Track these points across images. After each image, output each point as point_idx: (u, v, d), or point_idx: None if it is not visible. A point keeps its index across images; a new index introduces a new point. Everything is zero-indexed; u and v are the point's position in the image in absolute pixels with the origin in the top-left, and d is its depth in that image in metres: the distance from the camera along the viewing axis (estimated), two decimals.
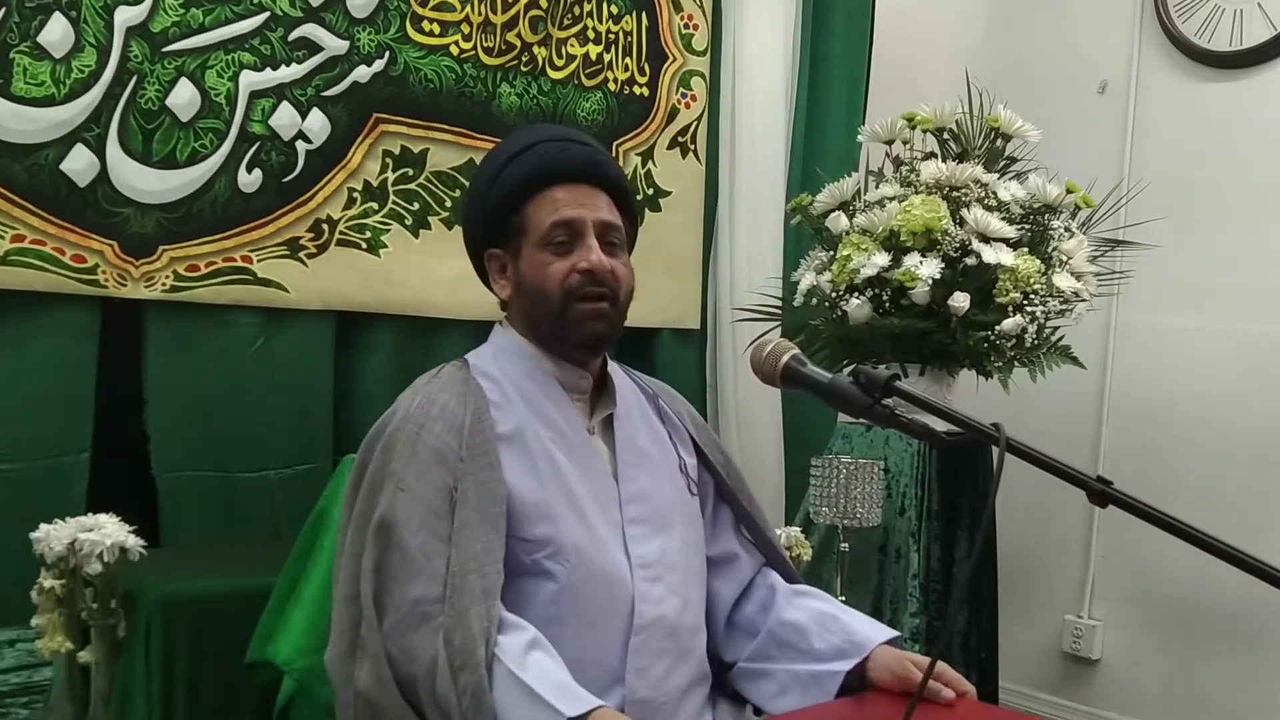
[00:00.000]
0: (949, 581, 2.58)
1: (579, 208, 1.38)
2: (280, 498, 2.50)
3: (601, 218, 1.40)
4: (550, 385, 1.41)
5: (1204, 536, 1.01)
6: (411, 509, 1.27)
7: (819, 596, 1.50)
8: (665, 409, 1.54)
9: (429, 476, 1.29)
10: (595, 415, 1.45)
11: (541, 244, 1.38)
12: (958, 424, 1.14)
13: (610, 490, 1.39)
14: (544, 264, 1.38)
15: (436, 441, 1.31)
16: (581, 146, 1.43)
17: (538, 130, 1.50)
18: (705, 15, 3.21)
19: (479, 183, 1.47)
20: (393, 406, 1.41)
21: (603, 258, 1.38)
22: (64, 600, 1.85)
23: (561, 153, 1.40)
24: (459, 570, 1.23)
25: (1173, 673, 3.16)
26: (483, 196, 1.44)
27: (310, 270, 2.52)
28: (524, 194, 1.39)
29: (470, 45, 2.73)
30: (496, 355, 1.45)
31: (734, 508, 1.54)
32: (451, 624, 1.20)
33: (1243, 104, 3.06)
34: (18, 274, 2.15)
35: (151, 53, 2.28)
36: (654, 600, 1.35)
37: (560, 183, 1.39)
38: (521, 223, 1.40)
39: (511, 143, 1.46)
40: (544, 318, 1.40)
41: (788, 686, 1.38)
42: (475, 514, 1.27)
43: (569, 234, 1.38)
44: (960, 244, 2.47)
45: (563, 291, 1.37)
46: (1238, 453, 3.02)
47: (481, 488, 1.29)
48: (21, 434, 2.18)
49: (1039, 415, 2.96)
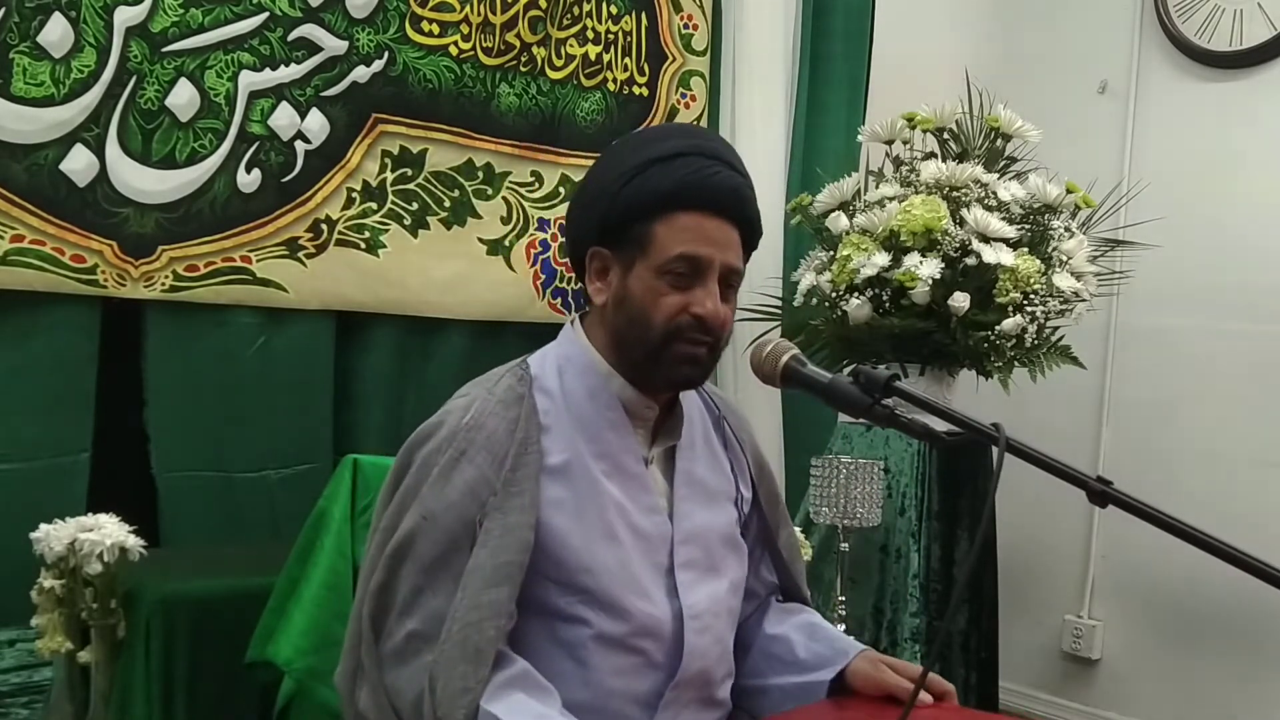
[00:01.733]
0: (949, 581, 2.58)
1: (711, 245, 1.26)
2: (280, 498, 2.50)
3: (729, 261, 1.28)
4: (614, 410, 1.30)
5: (1204, 536, 1.01)
6: (428, 540, 1.21)
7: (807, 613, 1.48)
8: (729, 434, 1.45)
9: (456, 509, 1.21)
10: (656, 444, 1.35)
11: (660, 270, 1.26)
12: (958, 424, 1.15)
13: (663, 528, 1.31)
14: (657, 292, 1.26)
15: (473, 473, 1.22)
16: (731, 173, 1.29)
17: (687, 135, 1.35)
18: (705, 15, 3.21)
19: (606, 173, 1.31)
20: (444, 409, 1.30)
21: (719, 306, 1.27)
22: (64, 600, 1.85)
23: (712, 176, 1.27)
24: (460, 616, 1.17)
25: (1173, 673, 3.16)
26: (609, 192, 1.29)
27: (309, 270, 2.52)
28: (659, 209, 1.26)
29: (469, 45, 2.73)
30: (562, 367, 1.33)
31: (768, 546, 1.48)
32: (437, 670, 1.15)
33: (1243, 104, 3.06)
34: (17, 274, 2.15)
35: (151, 53, 2.28)
36: (700, 653, 1.29)
37: (700, 209, 1.26)
38: (645, 237, 1.26)
39: (656, 141, 1.31)
40: (637, 345, 1.28)
41: (781, 701, 1.37)
42: (491, 560, 1.19)
43: (692, 270, 1.26)
44: (960, 244, 2.47)
45: (669, 329, 1.26)
46: (1238, 453, 3.03)
47: (508, 532, 1.20)
48: (21, 434, 2.18)
49: (1039, 415, 2.96)
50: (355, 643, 1.25)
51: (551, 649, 1.24)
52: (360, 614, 1.24)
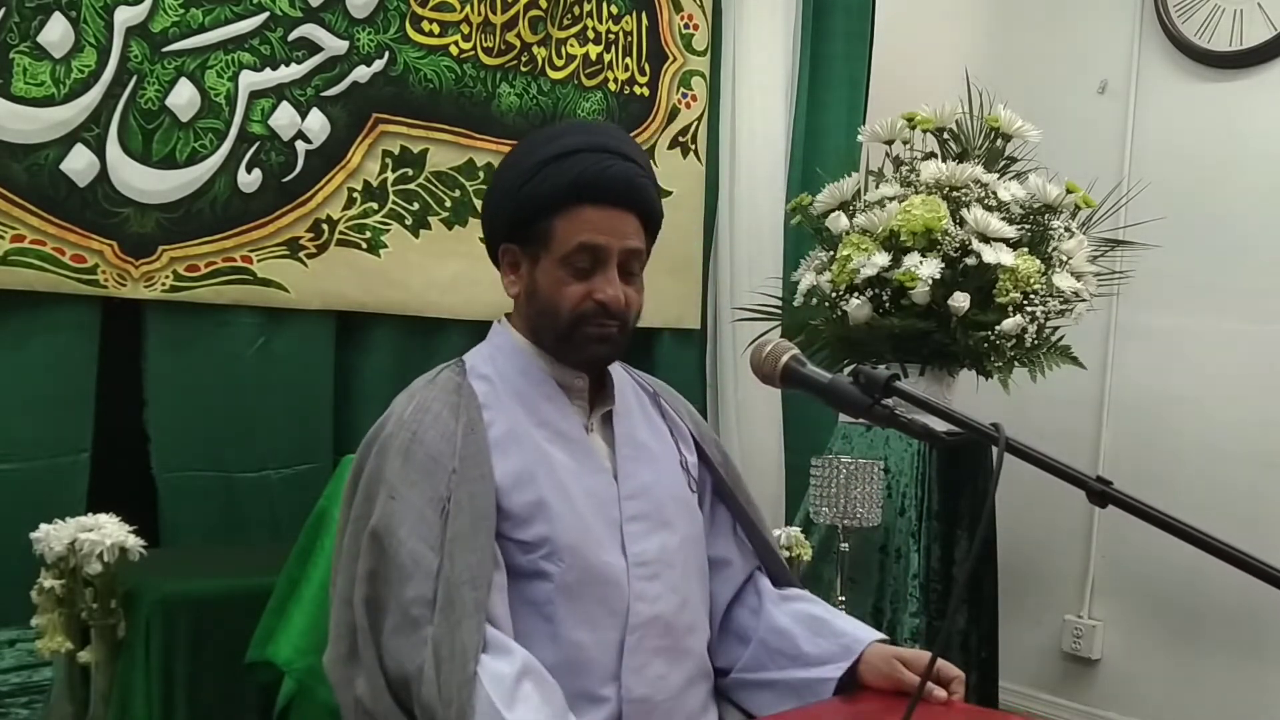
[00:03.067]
0: (949, 581, 2.58)
1: (608, 234, 1.35)
2: (280, 498, 2.50)
3: (628, 245, 1.36)
4: (546, 384, 1.40)
5: (1204, 536, 1.01)
6: (402, 516, 1.26)
7: (806, 599, 1.49)
8: (665, 406, 1.53)
9: (421, 485, 1.28)
10: (594, 412, 1.43)
11: (562, 262, 1.35)
12: (957, 424, 1.14)
13: (609, 487, 1.38)
14: (561, 282, 1.35)
15: (429, 450, 1.30)
16: (624, 163, 1.37)
17: (580, 133, 1.42)
18: (705, 15, 3.21)
19: (509, 175, 1.41)
20: (389, 409, 1.39)
21: (619, 292, 1.35)
22: (64, 600, 1.85)
23: (604, 170, 1.35)
24: (453, 580, 1.22)
25: (1173, 673, 3.16)
26: (511, 192, 1.39)
27: (310, 270, 2.52)
28: (555, 205, 1.35)
29: (470, 45, 2.73)
30: (493, 354, 1.43)
31: (731, 508, 1.53)
32: (442, 635, 1.20)
33: (1243, 104, 3.06)
34: (18, 274, 2.15)
35: (151, 53, 2.28)
36: (650, 599, 1.34)
37: (594, 202, 1.34)
38: (547, 233, 1.36)
39: (551, 141, 1.39)
40: (548, 331, 1.39)
41: (784, 696, 1.38)
42: (469, 526, 1.26)
43: (592, 260, 1.35)
44: (960, 244, 2.47)
45: (574, 315, 1.35)
46: (1238, 453, 3.03)
47: (474, 499, 1.27)
48: (21, 434, 2.18)
49: (1039, 415, 2.96)
50: (346, 631, 1.28)
51: (520, 608, 1.30)
52: (350, 601, 1.27)
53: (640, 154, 1.43)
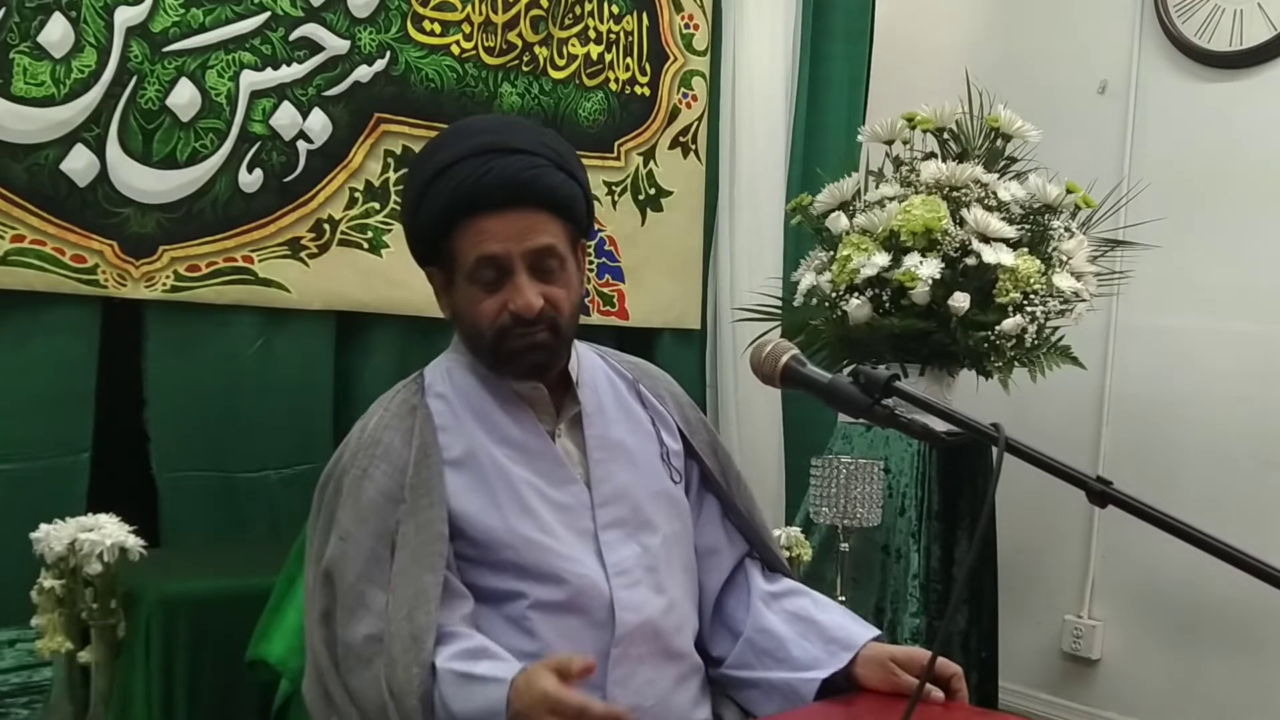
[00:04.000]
0: (949, 581, 2.58)
1: (504, 240, 1.27)
2: (280, 498, 2.50)
3: (531, 246, 1.28)
4: (503, 396, 1.35)
5: (1204, 536, 1.01)
6: (351, 558, 1.25)
7: (796, 593, 1.45)
8: (645, 393, 1.47)
9: (369, 523, 1.26)
10: (562, 416, 1.39)
11: (470, 279, 1.30)
12: (957, 424, 1.14)
13: (580, 496, 1.34)
14: (474, 300, 1.30)
15: (378, 486, 1.28)
16: (508, 159, 1.28)
17: (462, 137, 1.33)
18: (705, 15, 3.21)
19: (406, 198, 1.36)
20: (348, 436, 1.36)
21: (531, 299, 1.28)
22: (64, 600, 1.85)
23: (483, 176, 1.26)
24: (394, 615, 1.21)
25: (1173, 673, 3.16)
26: (411, 214, 1.35)
27: (311, 270, 2.52)
28: (445, 225, 1.29)
29: (471, 45, 2.73)
30: (450, 370, 1.39)
31: (719, 495, 1.48)
32: (390, 671, 1.19)
33: (1243, 104, 3.06)
34: (18, 274, 2.15)
35: (151, 53, 2.28)
36: (634, 607, 1.31)
37: (484, 211, 1.27)
38: (450, 252, 1.31)
39: (433, 155, 1.32)
40: (480, 350, 1.34)
41: (769, 695, 1.36)
42: (410, 557, 1.24)
43: (496, 271, 1.28)
44: (960, 244, 2.47)
45: (495, 331, 1.30)
46: (1238, 453, 3.02)
47: (421, 529, 1.25)
48: (21, 434, 2.18)
49: (1039, 415, 2.95)
50: (317, 674, 1.28)
51: (501, 625, 1.28)
52: (314, 646, 1.28)
53: (537, 141, 1.33)
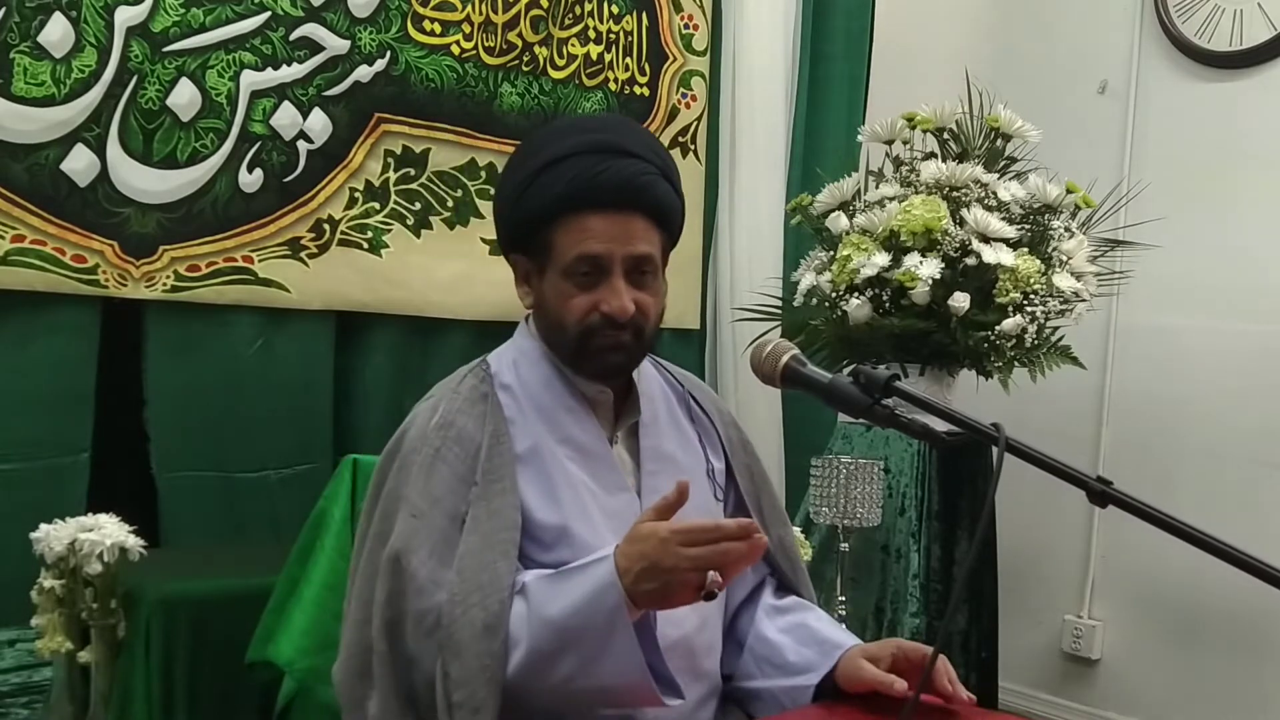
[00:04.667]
0: (949, 581, 2.58)
1: (609, 241, 1.27)
2: (280, 498, 2.50)
3: (632, 252, 1.28)
4: (571, 397, 1.34)
5: (1204, 536, 1.01)
6: (423, 537, 1.22)
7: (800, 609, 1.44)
8: (695, 409, 1.47)
9: (442, 503, 1.24)
10: (620, 424, 1.38)
11: (565, 273, 1.29)
12: (958, 424, 1.14)
13: (631, 505, 1.32)
14: (566, 295, 1.29)
15: (452, 468, 1.25)
16: (624, 161, 1.28)
17: (577, 133, 1.33)
18: (705, 15, 3.21)
19: (508, 184, 1.35)
20: (411, 415, 1.34)
21: (626, 302, 1.28)
22: (64, 600, 1.86)
23: (598, 174, 1.27)
24: (460, 599, 1.18)
25: (1173, 673, 3.16)
26: (510, 202, 1.34)
27: (311, 270, 2.52)
28: (551, 216, 1.28)
29: (471, 45, 2.73)
30: (517, 361, 1.37)
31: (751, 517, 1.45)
32: (450, 655, 1.16)
33: (1243, 104, 3.06)
34: (18, 274, 2.15)
35: (152, 52, 2.28)
36: (675, 622, 1.28)
37: (592, 209, 1.27)
38: (547, 244, 1.30)
39: (545, 146, 1.32)
40: (560, 345, 1.33)
41: (771, 705, 1.35)
42: (481, 541, 1.21)
43: (594, 269, 1.28)
44: (960, 244, 2.47)
45: (581, 328, 1.30)
46: (1238, 453, 3.02)
47: (494, 515, 1.23)
48: (21, 434, 2.18)
49: (1039, 415, 2.95)
50: (358, 650, 1.25)
51: None
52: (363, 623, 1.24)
53: (648, 147, 1.35)
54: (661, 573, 1.11)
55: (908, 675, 1.26)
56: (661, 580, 1.12)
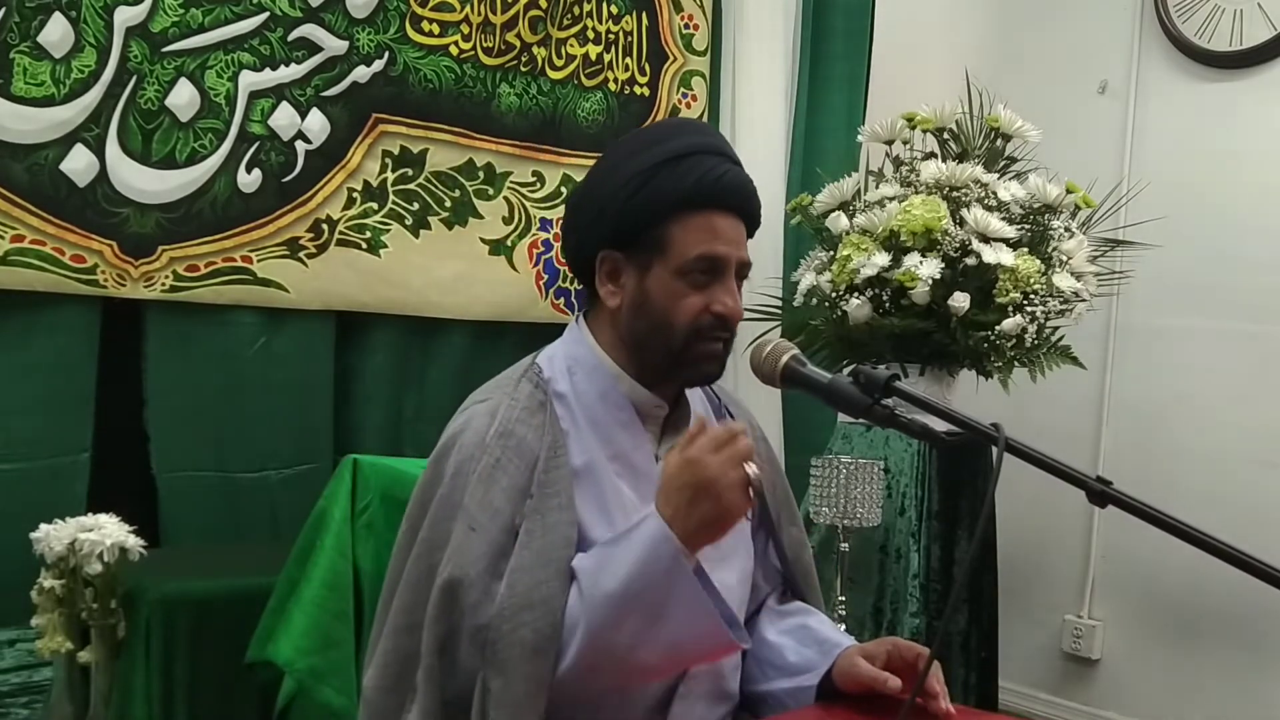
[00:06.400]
0: (949, 581, 2.58)
1: (729, 244, 1.27)
2: (280, 498, 2.50)
3: (743, 257, 1.30)
4: (624, 411, 1.31)
5: (1204, 536, 1.01)
6: (480, 552, 1.19)
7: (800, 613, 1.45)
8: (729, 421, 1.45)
9: (500, 516, 1.20)
10: (665, 440, 1.35)
11: (681, 271, 1.26)
12: (957, 424, 1.14)
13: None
14: (679, 294, 1.26)
15: (511, 479, 1.22)
16: (737, 169, 1.30)
17: (692, 133, 1.34)
18: (705, 15, 3.21)
19: (614, 175, 1.30)
20: (463, 419, 1.29)
21: (739, 306, 1.29)
22: (64, 600, 1.86)
23: (723, 175, 1.27)
24: (509, 615, 1.15)
25: (1173, 673, 3.16)
26: (619, 195, 1.28)
27: (310, 270, 2.52)
28: (673, 210, 1.26)
29: (470, 45, 2.73)
30: (571, 368, 1.33)
31: (769, 534, 1.47)
32: (494, 672, 1.14)
33: (1243, 104, 3.06)
34: (17, 274, 2.15)
35: (151, 53, 2.28)
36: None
37: (714, 209, 1.27)
38: (662, 240, 1.26)
39: (662, 141, 1.30)
40: (659, 347, 1.29)
41: (776, 707, 1.36)
42: (535, 557, 1.18)
43: (711, 269, 1.27)
44: (960, 244, 2.47)
45: (691, 329, 1.27)
46: (1238, 453, 3.03)
47: (549, 530, 1.20)
48: (21, 434, 2.18)
49: (1039, 415, 2.95)
50: (402, 656, 1.22)
51: None
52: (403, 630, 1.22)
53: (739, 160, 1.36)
54: (707, 488, 1.13)
55: (902, 673, 1.27)
56: (711, 496, 1.13)
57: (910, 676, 1.26)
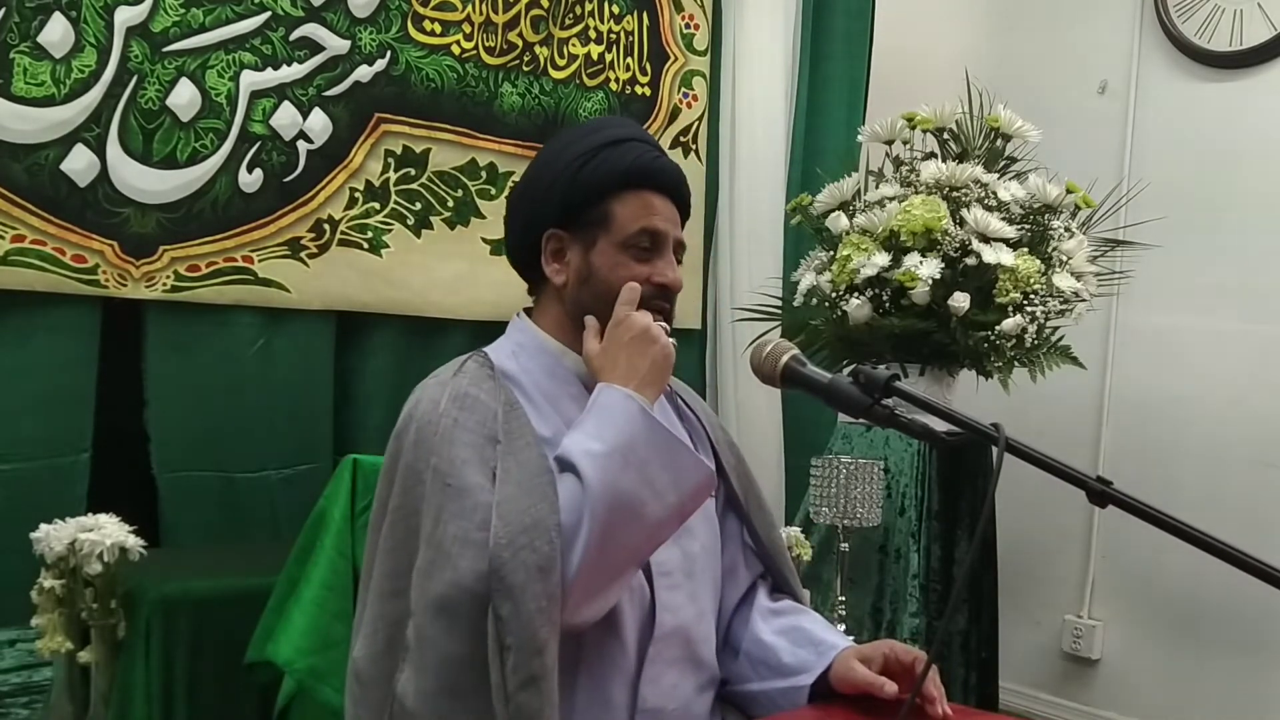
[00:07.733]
0: (949, 581, 2.58)
1: (667, 222, 1.37)
2: (280, 498, 2.50)
3: (679, 236, 1.40)
4: (572, 384, 1.36)
5: (1204, 536, 1.01)
6: (457, 504, 1.20)
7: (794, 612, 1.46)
8: (684, 408, 1.50)
9: (470, 465, 1.22)
10: None
11: (624, 245, 1.35)
12: (957, 424, 1.14)
13: None
14: (621, 265, 1.35)
15: (473, 435, 1.25)
16: (668, 159, 1.42)
17: (624, 125, 1.48)
18: (706, 15, 3.21)
19: (558, 160, 1.38)
20: (415, 397, 1.34)
21: (678, 275, 1.37)
22: (64, 600, 1.85)
23: (657, 160, 1.39)
24: (507, 543, 1.15)
25: (1173, 673, 3.16)
26: (565, 175, 1.36)
27: (311, 270, 2.52)
28: (616, 188, 1.35)
29: (472, 45, 2.73)
30: (515, 352, 1.39)
31: (739, 515, 1.50)
32: (501, 598, 1.14)
33: (1243, 104, 3.06)
34: (18, 274, 2.15)
35: (152, 53, 2.28)
36: (673, 608, 1.32)
37: (652, 188, 1.37)
38: (605, 216, 1.35)
39: (601, 130, 1.41)
40: (604, 316, 1.34)
41: (768, 708, 1.36)
42: (517, 489, 1.20)
43: (653, 243, 1.36)
44: (960, 244, 2.47)
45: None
46: (1238, 453, 3.03)
47: (524, 465, 1.22)
48: (21, 434, 2.18)
49: (1039, 415, 2.96)
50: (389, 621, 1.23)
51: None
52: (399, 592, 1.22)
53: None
54: (642, 335, 1.28)
55: (898, 677, 1.27)
56: (648, 340, 1.28)
57: (906, 680, 1.27)
